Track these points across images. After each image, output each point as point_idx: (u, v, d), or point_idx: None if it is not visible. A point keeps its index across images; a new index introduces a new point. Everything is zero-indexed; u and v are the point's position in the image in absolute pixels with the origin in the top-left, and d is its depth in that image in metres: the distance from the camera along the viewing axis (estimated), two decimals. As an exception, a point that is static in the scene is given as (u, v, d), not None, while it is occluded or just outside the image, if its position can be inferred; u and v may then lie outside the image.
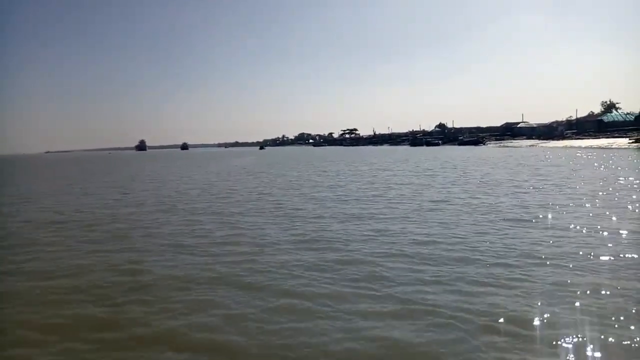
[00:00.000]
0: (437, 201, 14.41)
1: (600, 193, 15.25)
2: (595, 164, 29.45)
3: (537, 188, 17.13)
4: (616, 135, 73.52)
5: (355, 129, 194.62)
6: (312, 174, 29.70)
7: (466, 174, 24.87)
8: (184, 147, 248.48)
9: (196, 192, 20.05)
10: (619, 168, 25.79)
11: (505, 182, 19.54)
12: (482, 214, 11.67)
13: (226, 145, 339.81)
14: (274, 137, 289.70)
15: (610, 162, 31.15)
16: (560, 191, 16.06)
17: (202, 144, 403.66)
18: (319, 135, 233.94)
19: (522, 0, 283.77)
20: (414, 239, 9.05)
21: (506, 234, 9.28)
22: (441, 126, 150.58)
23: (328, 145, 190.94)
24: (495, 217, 11.25)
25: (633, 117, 78.12)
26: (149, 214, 13.80)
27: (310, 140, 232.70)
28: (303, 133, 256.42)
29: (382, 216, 11.91)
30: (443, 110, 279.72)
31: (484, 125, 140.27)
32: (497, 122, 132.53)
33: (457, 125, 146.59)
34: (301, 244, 9.05)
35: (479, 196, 15.19)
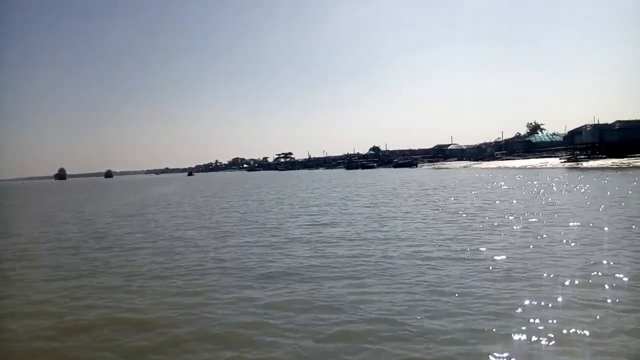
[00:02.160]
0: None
1: None
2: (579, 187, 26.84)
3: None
4: (545, 155, 75.00)
5: (290, 153, 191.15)
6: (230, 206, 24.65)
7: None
8: (108, 174, 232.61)
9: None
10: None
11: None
12: None
13: (157, 172, 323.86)
14: (206, 162, 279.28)
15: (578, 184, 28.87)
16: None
17: (130, 171, 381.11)
18: (254, 160, 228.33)
19: (448, 30, 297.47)
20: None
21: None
22: (375, 149, 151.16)
23: (263, 169, 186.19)
24: None
25: (561, 138, 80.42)
26: None
27: (245, 165, 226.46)
28: (237, 158, 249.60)
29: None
30: (377, 134, 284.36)
31: (415, 148, 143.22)
32: (429, 144, 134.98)
33: (390, 148, 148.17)
34: None
35: None
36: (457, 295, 6.33)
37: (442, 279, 7.22)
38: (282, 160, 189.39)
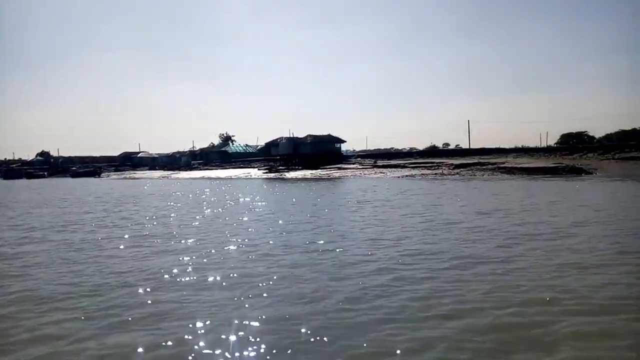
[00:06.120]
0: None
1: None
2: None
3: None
4: (241, 165, 75.14)
5: None
6: None
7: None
8: None
9: None
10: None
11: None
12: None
13: None
14: None
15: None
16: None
17: None
18: None
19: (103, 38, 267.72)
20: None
21: None
22: (44, 154, 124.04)
23: None
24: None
25: (253, 149, 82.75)
26: None
27: None
28: None
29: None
30: (45, 138, 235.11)
31: (98, 155, 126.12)
32: (114, 152, 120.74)
33: (65, 154, 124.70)
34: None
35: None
36: None
37: None
38: None
